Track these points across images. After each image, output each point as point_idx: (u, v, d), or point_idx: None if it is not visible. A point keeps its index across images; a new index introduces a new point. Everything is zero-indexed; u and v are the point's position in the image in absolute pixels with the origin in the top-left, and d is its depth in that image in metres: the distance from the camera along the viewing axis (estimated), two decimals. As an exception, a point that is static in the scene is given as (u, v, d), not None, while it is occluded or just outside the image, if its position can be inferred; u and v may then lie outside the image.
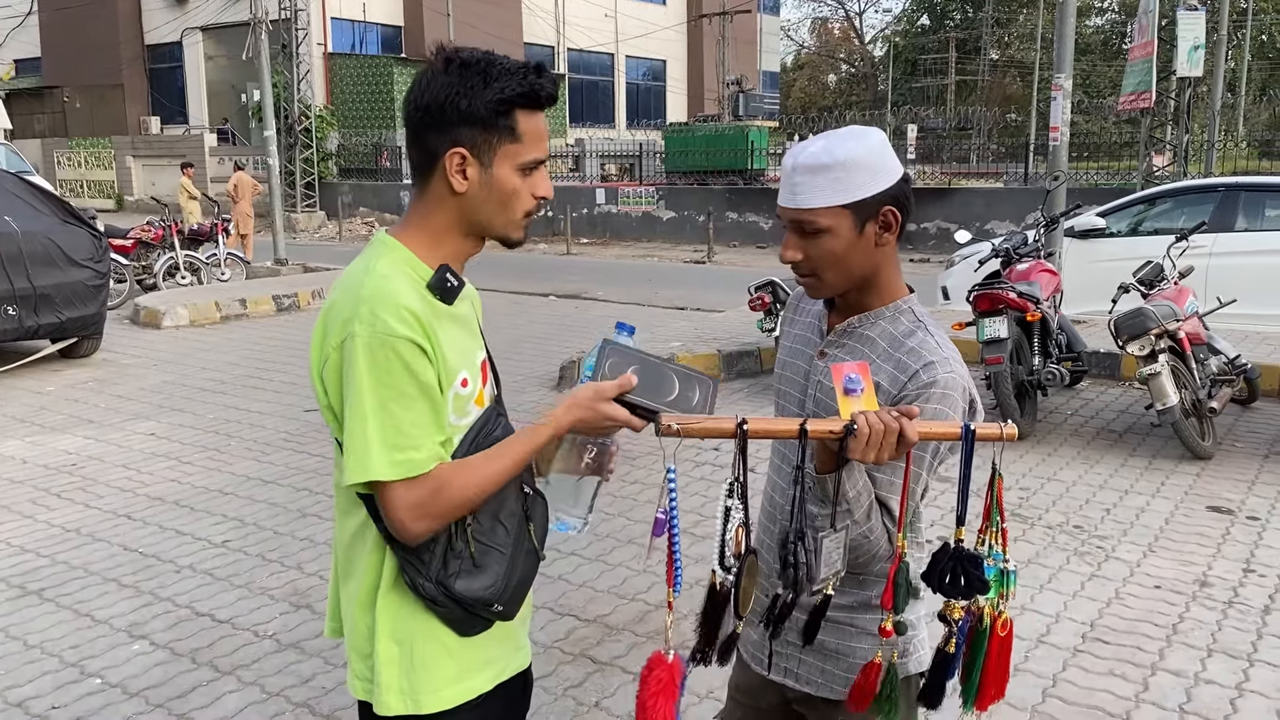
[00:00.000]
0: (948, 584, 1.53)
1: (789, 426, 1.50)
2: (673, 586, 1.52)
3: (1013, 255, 6.95)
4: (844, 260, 1.67)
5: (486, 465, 1.57)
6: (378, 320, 1.49)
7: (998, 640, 1.58)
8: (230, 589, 4.26)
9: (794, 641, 1.79)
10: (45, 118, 34.99)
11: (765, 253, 19.97)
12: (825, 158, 1.63)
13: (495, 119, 1.56)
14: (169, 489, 5.53)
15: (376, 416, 1.50)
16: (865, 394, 1.50)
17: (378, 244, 1.65)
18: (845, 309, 1.77)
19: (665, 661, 1.50)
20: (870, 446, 1.46)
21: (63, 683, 3.51)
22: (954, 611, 1.56)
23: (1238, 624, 3.87)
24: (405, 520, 1.51)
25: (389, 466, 1.50)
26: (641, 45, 39.57)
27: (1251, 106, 37.16)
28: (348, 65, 30.51)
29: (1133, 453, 6.05)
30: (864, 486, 1.58)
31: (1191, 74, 16.71)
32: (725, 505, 1.50)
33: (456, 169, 1.58)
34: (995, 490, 1.53)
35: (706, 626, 1.55)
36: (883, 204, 1.65)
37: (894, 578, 1.55)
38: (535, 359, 8.83)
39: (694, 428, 1.51)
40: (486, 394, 1.69)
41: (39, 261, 8.27)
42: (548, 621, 3.88)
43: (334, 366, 1.55)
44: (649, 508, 5.14)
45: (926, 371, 1.63)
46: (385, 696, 1.61)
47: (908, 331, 1.70)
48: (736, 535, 1.49)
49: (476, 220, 1.63)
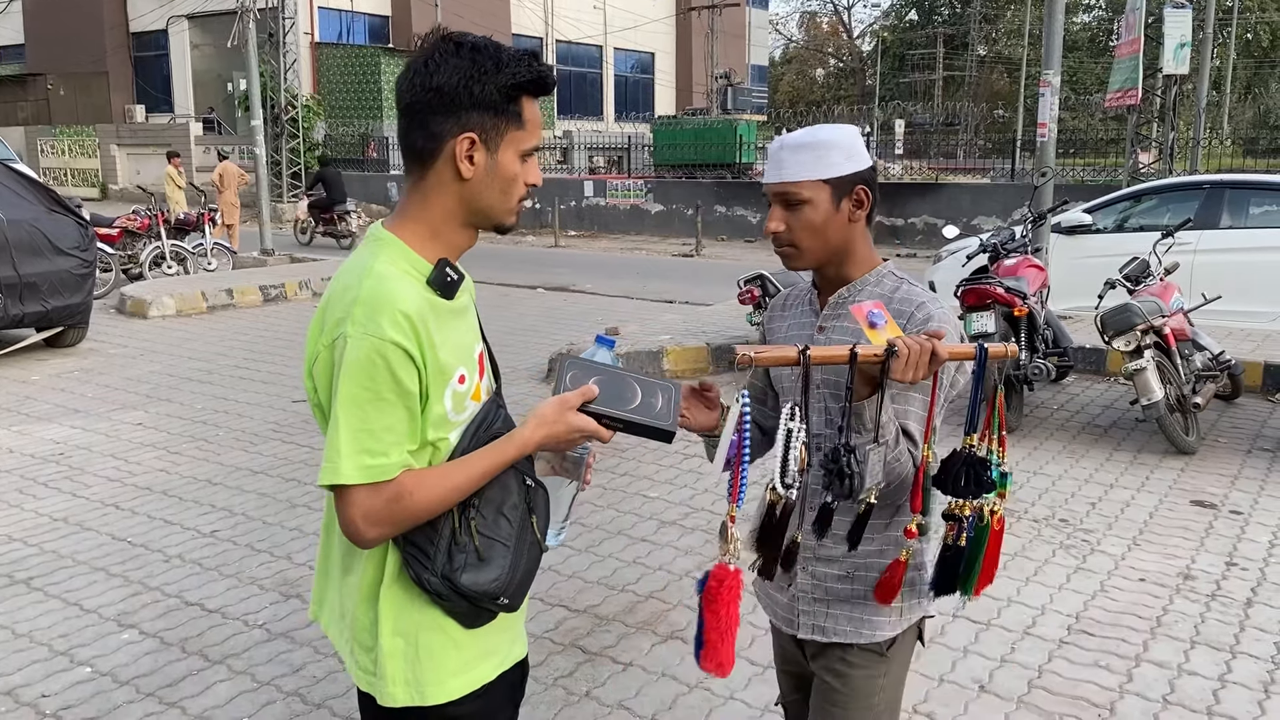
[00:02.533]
0: (962, 485, 1.70)
1: (841, 353, 1.64)
2: (736, 501, 1.65)
3: (1000, 251, 6.98)
4: (822, 231, 1.84)
5: (448, 478, 1.56)
6: (370, 323, 1.48)
7: (994, 534, 1.77)
8: (219, 578, 4.26)
9: (820, 598, 1.94)
10: (28, 105, 34.63)
11: (753, 247, 19.99)
12: (808, 138, 1.83)
13: (506, 104, 1.56)
14: (157, 479, 5.52)
15: (350, 419, 1.49)
16: (889, 324, 1.66)
17: (374, 240, 1.62)
18: (831, 285, 1.93)
19: (729, 570, 1.65)
20: (910, 365, 1.61)
21: (52, 671, 3.51)
22: (964, 510, 1.74)
23: (1220, 616, 3.92)
24: (360, 525, 1.51)
25: (355, 470, 1.49)
26: (630, 38, 39.48)
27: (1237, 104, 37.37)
28: (335, 55, 30.32)
29: (1118, 447, 6.10)
30: (891, 415, 1.72)
31: (1178, 71, 16.79)
32: (788, 428, 1.64)
33: (465, 154, 1.56)
34: (995, 402, 1.72)
35: (766, 543, 1.72)
36: (856, 183, 1.84)
37: (921, 481, 1.73)
38: (523, 351, 8.83)
39: (764, 356, 1.67)
40: (484, 387, 1.69)
41: (25, 250, 8.21)
42: (538, 612, 3.90)
43: (324, 364, 1.54)
44: (638, 499, 5.16)
45: (920, 310, 1.83)
46: (390, 688, 1.61)
47: (894, 288, 1.89)
48: (801, 453, 1.65)
49: (478, 207, 1.62)
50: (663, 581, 4.19)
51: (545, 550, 1.72)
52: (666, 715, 3.21)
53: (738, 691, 3.33)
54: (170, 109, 33.07)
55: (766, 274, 7.36)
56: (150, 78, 34.09)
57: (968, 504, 1.73)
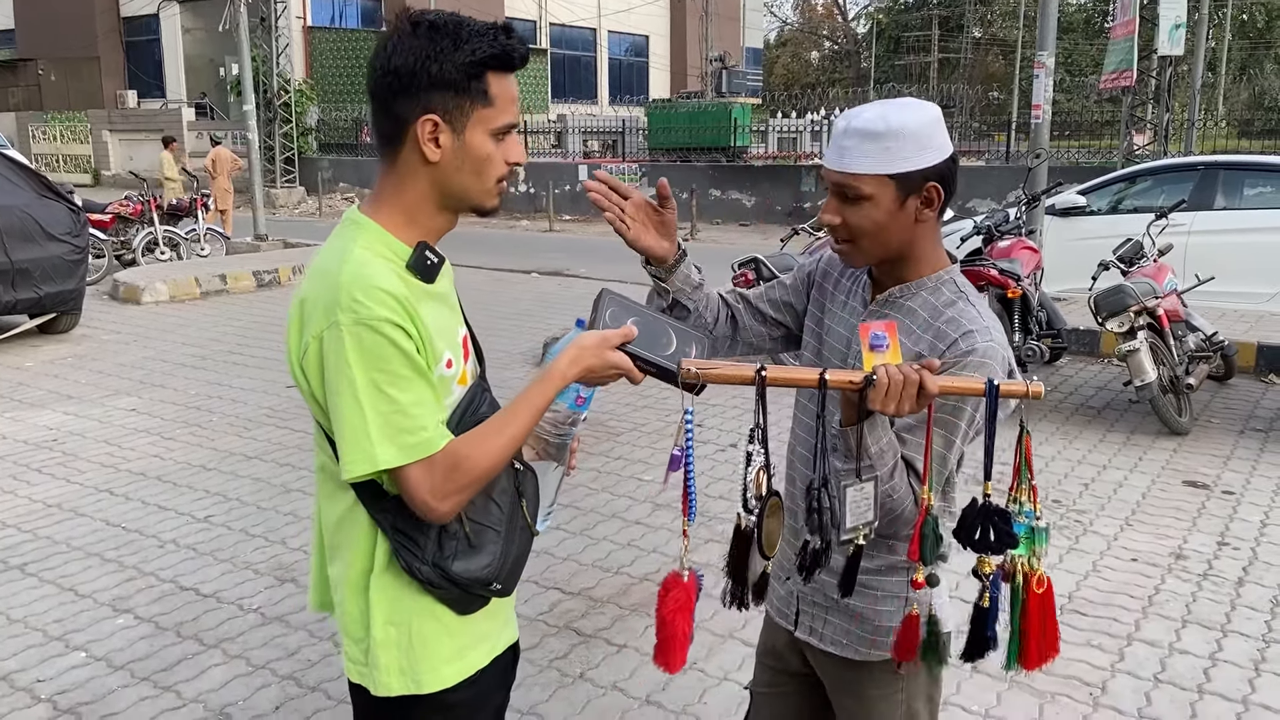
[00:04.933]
0: (977, 539, 1.53)
1: (809, 375, 1.52)
2: (687, 515, 1.58)
3: (994, 233, 6.98)
4: (882, 231, 1.66)
5: (499, 432, 1.53)
6: (360, 305, 1.45)
7: (1035, 598, 1.56)
8: (214, 564, 4.26)
9: (820, 602, 1.84)
10: (19, 91, 34.43)
11: (747, 230, 19.94)
12: (879, 124, 1.62)
13: (468, 82, 1.51)
14: (151, 464, 5.51)
15: (374, 403, 1.45)
16: (890, 350, 1.52)
17: (350, 224, 1.59)
18: (885, 279, 1.77)
19: (681, 581, 1.56)
20: (890, 397, 1.47)
21: (48, 656, 3.51)
22: (985, 566, 1.56)
23: (1212, 595, 3.94)
24: (430, 501, 1.48)
25: (398, 451, 1.46)
26: (624, 20, 39.27)
27: (1231, 86, 37.30)
28: (328, 39, 30.16)
29: (1111, 428, 6.12)
30: (889, 444, 1.58)
31: (1173, 53, 16.72)
32: (747, 450, 1.55)
33: (429, 136, 1.52)
34: (1023, 447, 1.52)
35: (735, 567, 1.60)
36: (927, 179, 1.64)
37: (920, 529, 1.55)
38: (517, 336, 8.82)
39: (714, 373, 1.53)
40: (469, 371, 1.67)
41: (16, 236, 8.17)
42: (533, 595, 3.91)
43: (315, 356, 1.50)
44: (632, 483, 5.17)
45: (965, 340, 1.64)
46: (384, 678, 1.60)
47: (948, 302, 1.70)
48: (758, 478, 1.54)
49: (451, 190, 1.58)
50: (657, 564, 4.20)
51: (535, 535, 1.72)
52: (660, 696, 3.23)
53: (731, 673, 3.35)
54: (162, 94, 32.87)
55: (760, 257, 7.36)
56: (142, 63, 33.88)
57: (988, 561, 1.55)
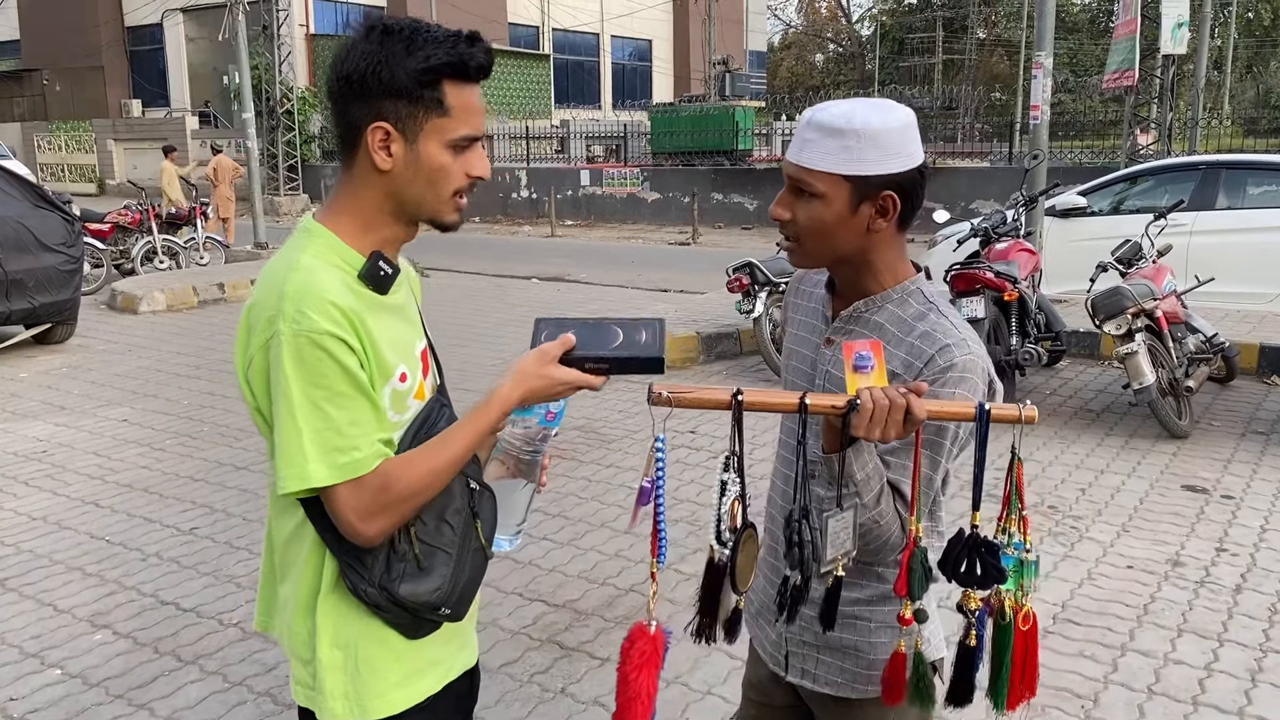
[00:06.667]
0: (963, 572, 1.45)
1: (788, 400, 1.44)
2: (656, 556, 1.48)
3: (991, 235, 6.91)
4: (829, 233, 1.58)
5: (433, 456, 1.49)
6: (303, 317, 1.40)
7: (1021, 635, 1.48)
8: (196, 576, 4.21)
9: (810, 641, 1.73)
10: (24, 101, 34.59)
11: (750, 234, 19.89)
12: (841, 121, 1.53)
13: (419, 90, 1.46)
14: (139, 475, 5.47)
15: (310, 419, 1.41)
16: (875, 371, 1.44)
17: (302, 232, 1.54)
18: (847, 292, 1.68)
19: (647, 633, 1.46)
20: (875, 422, 1.40)
21: (22, 674, 3.47)
22: (970, 602, 1.47)
23: (1209, 603, 3.86)
24: (355, 523, 1.44)
25: (329, 470, 1.42)
26: (627, 25, 39.28)
27: (1237, 84, 37.13)
28: (330, 47, 30.06)
29: (1109, 432, 6.04)
30: (874, 470, 1.51)
31: (1176, 52, 16.65)
32: (721, 479, 1.45)
33: (380, 144, 1.48)
34: (1014, 475, 1.44)
35: (706, 601, 1.52)
36: (885, 187, 1.54)
37: (907, 563, 1.47)
38: (517, 343, 8.77)
39: (686, 397, 1.44)
40: (427, 385, 1.61)
41: (10, 247, 8.14)
42: (516, 607, 3.85)
43: (259, 368, 1.46)
44: (623, 491, 5.11)
45: (943, 355, 1.55)
46: (329, 703, 1.55)
47: (918, 314, 1.61)
48: (732, 509, 1.45)
49: (404, 201, 1.53)
50: (643, 574, 4.14)
51: (491, 557, 1.65)
52: (642, 711, 3.16)
53: (715, 686, 3.28)
54: (166, 103, 32.96)
55: (755, 261, 7.30)
56: (146, 72, 33.99)
57: (974, 596, 1.46)
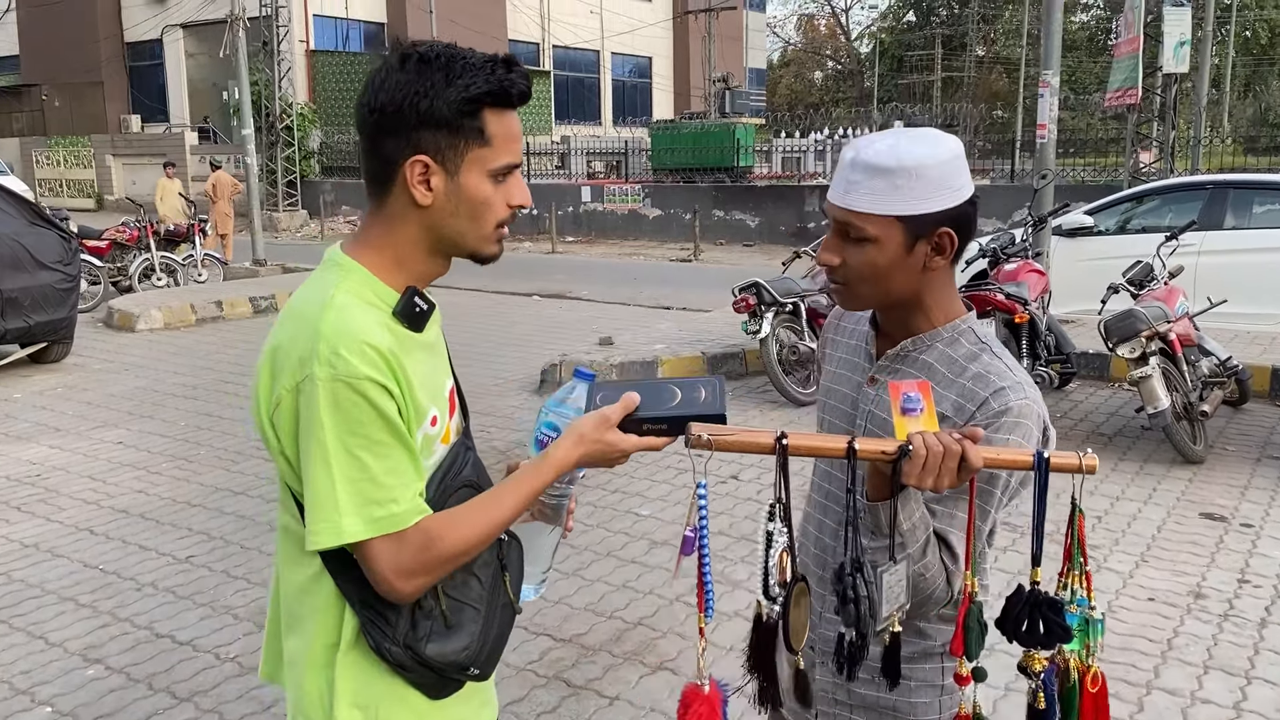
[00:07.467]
0: (1024, 632, 1.36)
1: (836, 445, 1.35)
2: (704, 611, 1.40)
3: (1000, 255, 6.84)
4: (883, 277, 1.50)
5: (480, 516, 1.39)
6: (339, 360, 1.31)
7: (1090, 698, 1.40)
8: (193, 608, 4.10)
9: (844, 700, 1.64)
10: (23, 116, 34.56)
11: (751, 251, 19.82)
12: (889, 159, 1.44)
13: (460, 120, 1.38)
14: (134, 501, 5.36)
15: (345, 470, 1.32)
16: (925, 414, 1.36)
17: (331, 265, 1.45)
18: (893, 331, 1.60)
19: (701, 694, 1.38)
20: (928, 471, 1.31)
21: (12, 711, 3.35)
22: (1035, 663, 1.38)
23: (1234, 638, 3.75)
24: (392, 580, 1.34)
25: (365, 524, 1.32)
26: (627, 42, 39.37)
27: (1237, 102, 37.22)
28: (330, 63, 30.22)
29: (1123, 457, 5.94)
30: (921, 519, 1.42)
31: (1177, 70, 16.65)
32: (767, 530, 1.37)
33: (419, 179, 1.39)
34: (1075, 528, 1.37)
35: (760, 662, 1.43)
36: (940, 224, 1.47)
37: (964, 620, 1.39)
38: (517, 362, 8.67)
39: (727, 440, 1.36)
40: (453, 428, 1.53)
41: (6, 265, 8.05)
42: (521, 642, 3.73)
43: (288, 411, 1.37)
44: (629, 518, 5.00)
45: (997, 399, 1.47)
46: None
47: (970, 355, 1.53)
48: (780, 561, 1.37)
49: (444, 235, 1.44)
50: (653, 607, 4.03)
51: (519, 611, 1.56)
52: (653, 754, 3.05)
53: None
54: (166, 118, 32.93)
55: (761, 282, 7.20)
56: (145, 87, 33.97)
57: (1038, 656, 1.38)
